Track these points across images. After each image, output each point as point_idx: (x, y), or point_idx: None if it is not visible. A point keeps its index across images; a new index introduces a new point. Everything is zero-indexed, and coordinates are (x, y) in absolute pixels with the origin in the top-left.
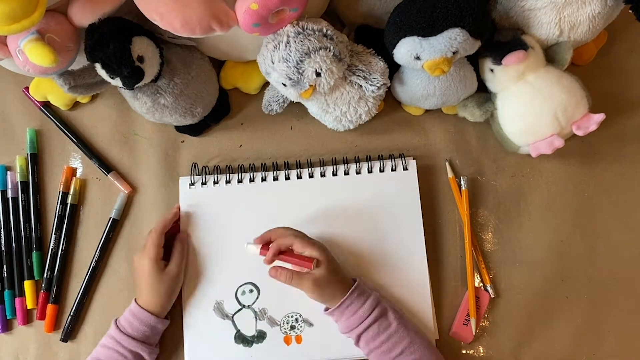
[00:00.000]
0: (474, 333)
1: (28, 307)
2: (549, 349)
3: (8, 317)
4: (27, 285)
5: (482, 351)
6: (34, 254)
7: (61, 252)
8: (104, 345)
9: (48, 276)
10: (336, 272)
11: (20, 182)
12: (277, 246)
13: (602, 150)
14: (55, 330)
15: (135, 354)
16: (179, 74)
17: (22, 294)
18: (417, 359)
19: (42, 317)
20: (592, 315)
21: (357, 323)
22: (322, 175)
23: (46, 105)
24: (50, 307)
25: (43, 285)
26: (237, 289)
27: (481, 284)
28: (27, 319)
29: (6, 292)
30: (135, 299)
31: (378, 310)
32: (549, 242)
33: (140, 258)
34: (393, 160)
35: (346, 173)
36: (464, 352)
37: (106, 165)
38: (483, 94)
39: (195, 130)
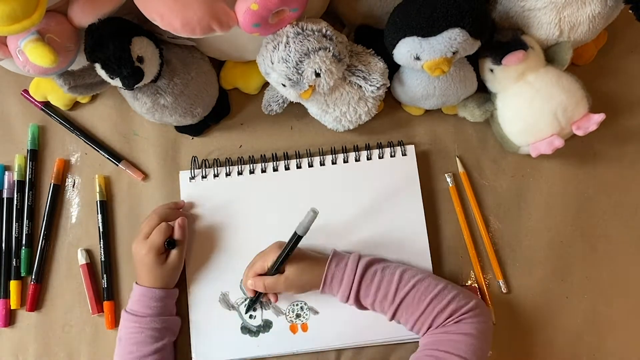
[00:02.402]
0: (494, 322)
1: (12, 308)
2: (549, 349)
3: None
4: (13, 285)
5: None
6: (23, 250)
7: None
8: (126, 333)
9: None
10: (303, 260)
11: (18, 181)
12: (251, 282)
13: (602, 150)
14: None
15: (158, 329)
16: (178, 74)
17: (7, 295)
18: (413, 284)
19: (32, 308)
20: (592, 315)
21: (347, 289)
22: (322, 164)
23: (47, 105)
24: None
25: (33, 278)
26: (242, 280)
27: (474, 283)
28: (9, 320)
29: None
30: (136, 283)
31: (361, 268)
32: (549, 242)
33: (139, 250)
34: (392, 147)
35: (345, 161)
36: None
37: (116, 156)
38: (483, 94)
39: (195, 130)
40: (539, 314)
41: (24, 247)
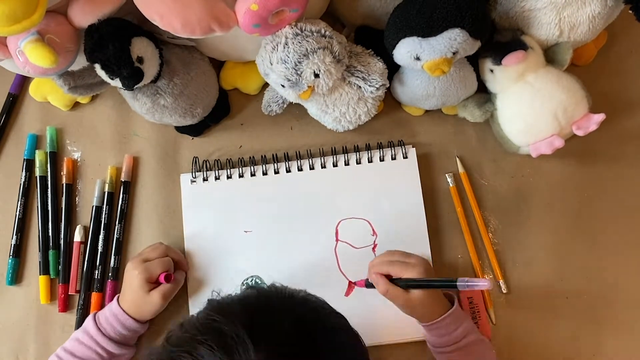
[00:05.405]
0: (493, 322)
1: (42, 303)
2: (549, 349)
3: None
4: (42, 280)
5: None
6: (50, 252)
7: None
8: (79, 341)
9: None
10: (432, 295)
11: (41, 176)
12: (376, 279)
13: (602, 150)
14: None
15: (111, 354)
16: (178, 75)
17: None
18: None
19: (63, 309)
20: (592, 315)
21: (439, 345)
22: (323, 166)
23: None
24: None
25: (60, 278)
26: (242, 283)
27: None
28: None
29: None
30: (117, 299)
31: (463, 342)
32: (549, 242)
33: (132, 268)
34: (392, 148)
35: (346, 163)
36: None
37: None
38: (483, 94)
39: (195, 130)
40: (539, 314)
41: (50, 249)
